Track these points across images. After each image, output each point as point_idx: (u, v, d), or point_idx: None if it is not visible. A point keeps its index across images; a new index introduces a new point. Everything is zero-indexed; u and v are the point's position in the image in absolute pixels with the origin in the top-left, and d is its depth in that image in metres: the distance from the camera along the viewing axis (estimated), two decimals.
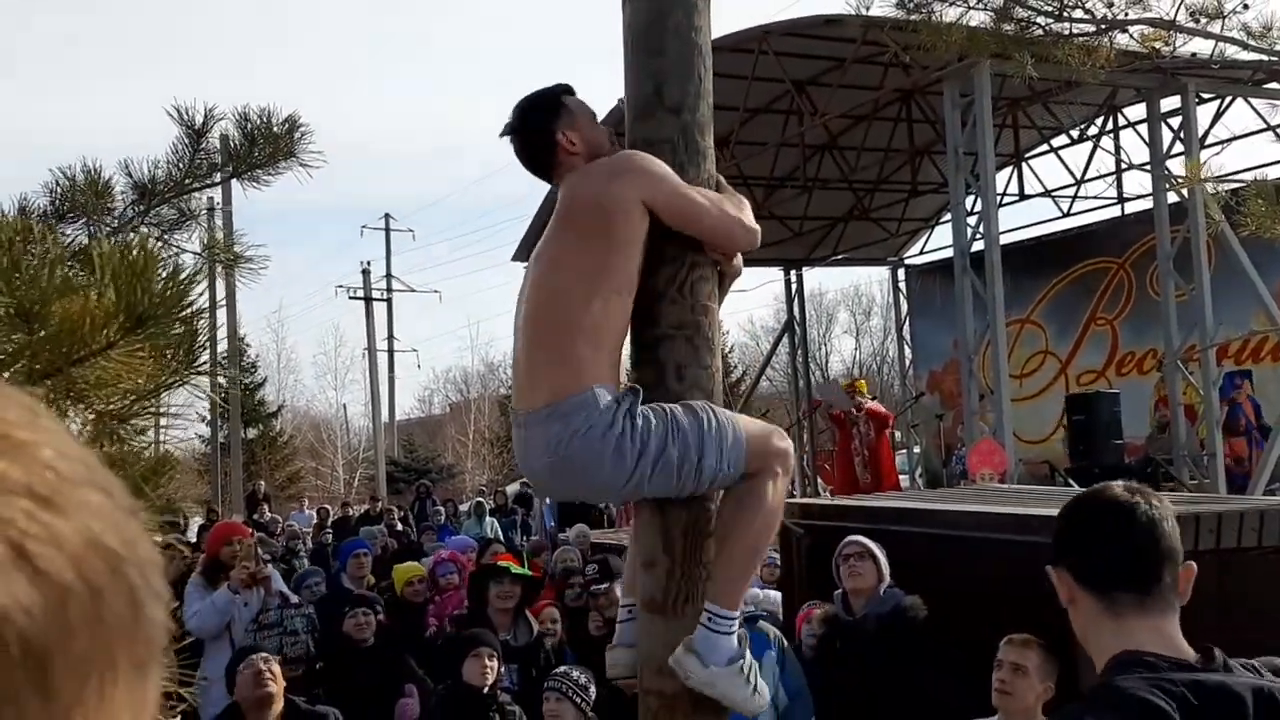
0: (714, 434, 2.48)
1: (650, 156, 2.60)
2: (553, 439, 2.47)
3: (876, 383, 34.08)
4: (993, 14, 6.32)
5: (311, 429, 41.03)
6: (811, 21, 12.72)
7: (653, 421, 2.45)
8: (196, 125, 2.72)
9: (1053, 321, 17.21)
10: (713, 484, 2.53)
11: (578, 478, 2.53)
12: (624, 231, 2.51)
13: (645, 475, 2.44)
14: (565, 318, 2.50)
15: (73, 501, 0.40)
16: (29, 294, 1.04)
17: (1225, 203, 7.28)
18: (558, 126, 2.66)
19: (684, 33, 2.70)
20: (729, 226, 2.64)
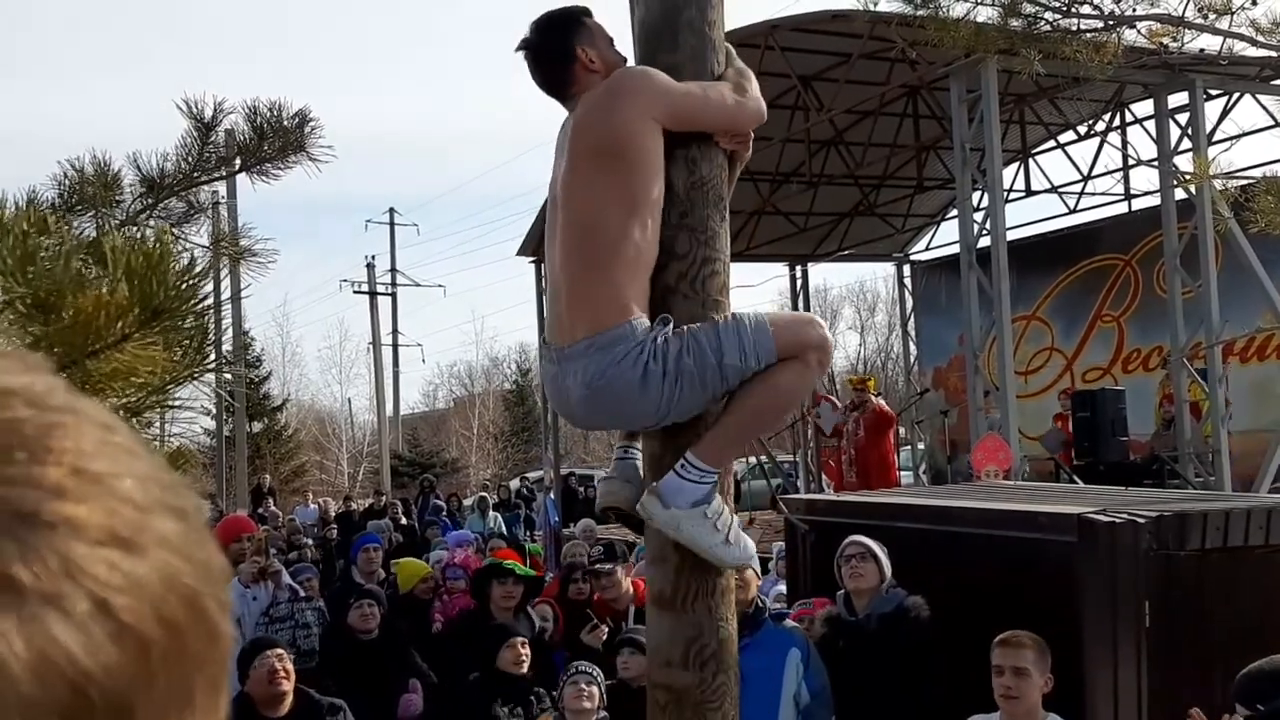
0: (731, 331, 2.49)
1: (644, 70, 2.58)
2: (592, 370, 2.49)
3: (881, 379, 34.09)
4: (1000, 10, 6.31)
5: (316, 423, 41.06)
6: (818, 16, 12.70)
7: (671, 342, 2.47)
8: (205, 118, 2.73)
9: (1059, 318, 17.19)
10: (742, 377, 2.50)
11: (613, 407, 2.55)
12: (640, 154, 2.50)
13: (672, 398, 2.46)
14: (604, 250, 2.50)
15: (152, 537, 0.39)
16: (44, 286, 1.04)
17: (1233, 199, 7.27)
18: (577, 42, 2.64)
19: (698, 27, 2.69)
20: (734, 118, 2.63)
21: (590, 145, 2.56)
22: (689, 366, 2.44)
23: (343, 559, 10.27)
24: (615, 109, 2.52)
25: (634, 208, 2.49)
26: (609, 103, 2.53)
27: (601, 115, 2.54)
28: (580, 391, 2.52)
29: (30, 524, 0.37)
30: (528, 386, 41.54)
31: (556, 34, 2.66)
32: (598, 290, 2.50)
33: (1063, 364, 17.01)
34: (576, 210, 2.57)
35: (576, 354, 2.52)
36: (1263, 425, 13.17)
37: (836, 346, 29.16)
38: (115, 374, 1.07)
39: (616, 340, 2.46)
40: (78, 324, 1.04)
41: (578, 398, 2.55)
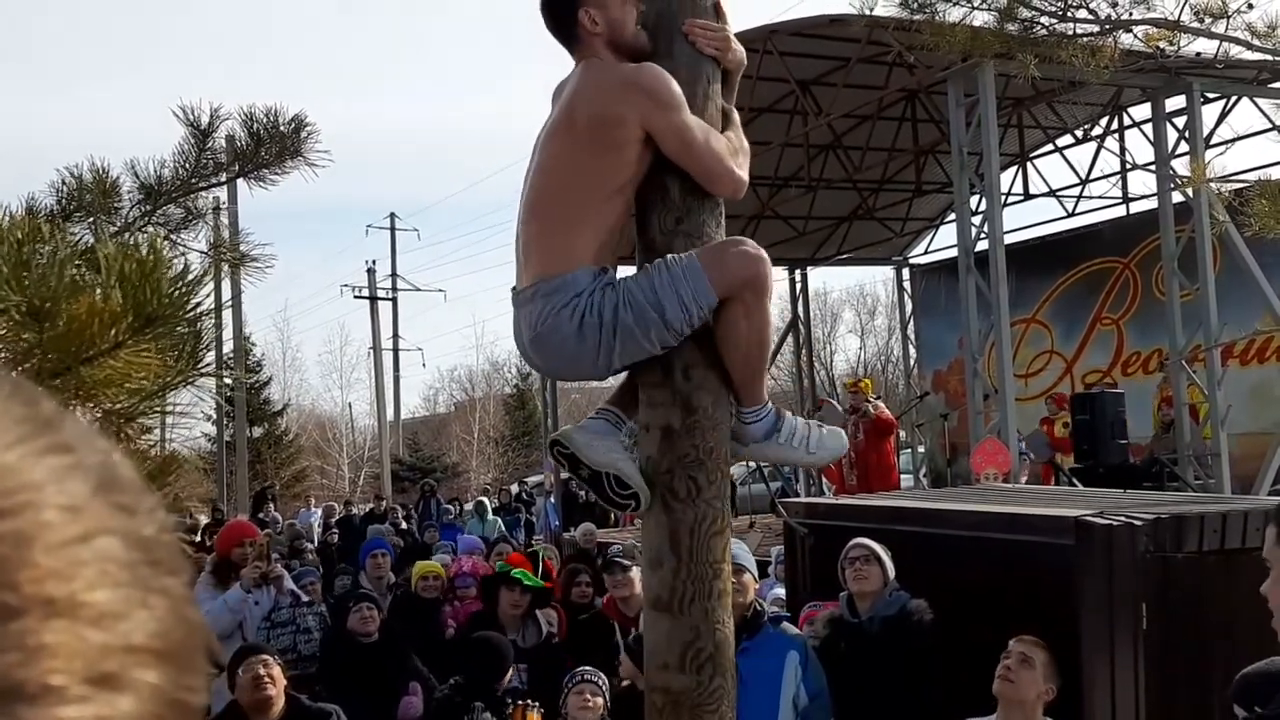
0: (666, 283, 2.49)
1: (664, 77, 2.54)
2: (535, 316, 2.55)
3: (881, 382, 34.09)
4: (996, 14, 6.33)
5: (317, 428, 41.07)
6: (816, 21, 12.72)
7: (608, 295, 2.50)
8: (202, 125, 2.74)
9: (1058, 321, 17.20)
10: (693, 326, 2.53)
11: (556, 355, 2.61)
12: (622, 140, 2.52)
13: (612, 349, 2.50)
14: (562, 208, 2.56)
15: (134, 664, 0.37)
16: (39, 293, 1.05)
17: (1229, 203, 7.28)
18: (583, 3, 2.61)
19: (688, 36, 2.70)
20: (715, 172, 2.61)
21: (581, 117, 2.56)
22: (626, 321, 2.48)
23: (344, 563, 10.27)
24: (621, 99, 2.51)
25: (606, 180, 2.54)
26: (620, 90, 2.52)
27: (606, 97, 2.53)
28: (528, 335, 2.60)
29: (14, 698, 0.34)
30: (528, 390, 41.53)
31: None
32: (549, 240, 2.56)
33: (1063, 367, 17.02)
34: (547, 171, 2.61)
35: (525, 299, 2.59)
36: (1262, 427, 13.18)
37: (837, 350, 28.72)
38: (109, 380, 1.08)
39: (558, 288, 2.51)
40: (71, 331, 1.06)
41: (527, 341, 2.62)
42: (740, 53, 2.79)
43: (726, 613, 2.63)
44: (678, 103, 2.52)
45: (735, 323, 2.57)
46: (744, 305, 2.56)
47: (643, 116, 2.50)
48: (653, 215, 2.67)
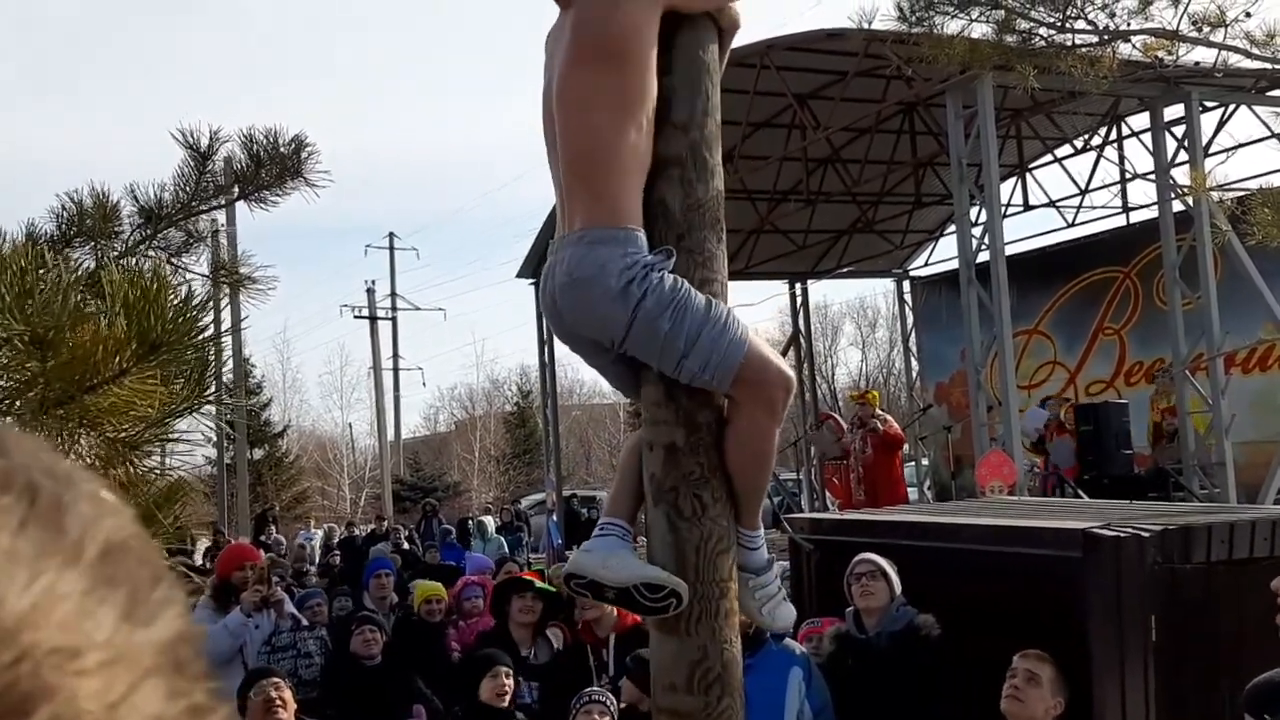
0: (712, 333, 2.44)
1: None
2: (576, 258, 2.47)
3: (884, 395, 34.06)
4: (995, 26, 6.33)
5: (318, 449, 41.05)
6: (813, 36, 12.75)
7: (666, 285, 2.43)
8: (202, 148, 2.73)
9: (1060, 331, 17.19)
10: (689, 383, 2.51)
11: (583, 305, 2.51)
12: (640, 54, 2.49)
13: (634, 327, 2.44)
14: (603, 154, 2.48)
15: None
16: (42, 321, 1.04)
17: (1230, 211, 7.28)
18: None
19: (690, 50, 2.70)
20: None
21: (589, 44, 2.52)
22: (661, 327, 2.42)
23: (346, 585, 10.24)
24: (619, 6, 2.49)
25: (631, 109, 2.47)
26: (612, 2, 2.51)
27: (604, 13, 2.51)
28: (562, 279, 2.51)
29: None
30: (528, 408, 41.51)
31: None
32: (598, 190, 2.49)
33: (1065, 377, 17.00)
34: (574, 117, 2.54)
35: (569, 241, 2.52)
36: (1266, 436, 13.15)
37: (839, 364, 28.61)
38: (113, 408, 1.07)
39: (607, 239, 2.45)
40: (75, 359, 1.04)
41: (559, 284, 2.53)
42: (735, 13, 2.77)
43: (734, 632, 2.61)
44: None
45: (742, 430, 2.54)
46: (751, 417, 2.54)
47: (652, 3, 2.48)
48: (654, 231, 2.66)
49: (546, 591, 5.98)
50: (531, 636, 5.67)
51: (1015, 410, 11.07)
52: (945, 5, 6.10)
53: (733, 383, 2.49)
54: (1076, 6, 6.17)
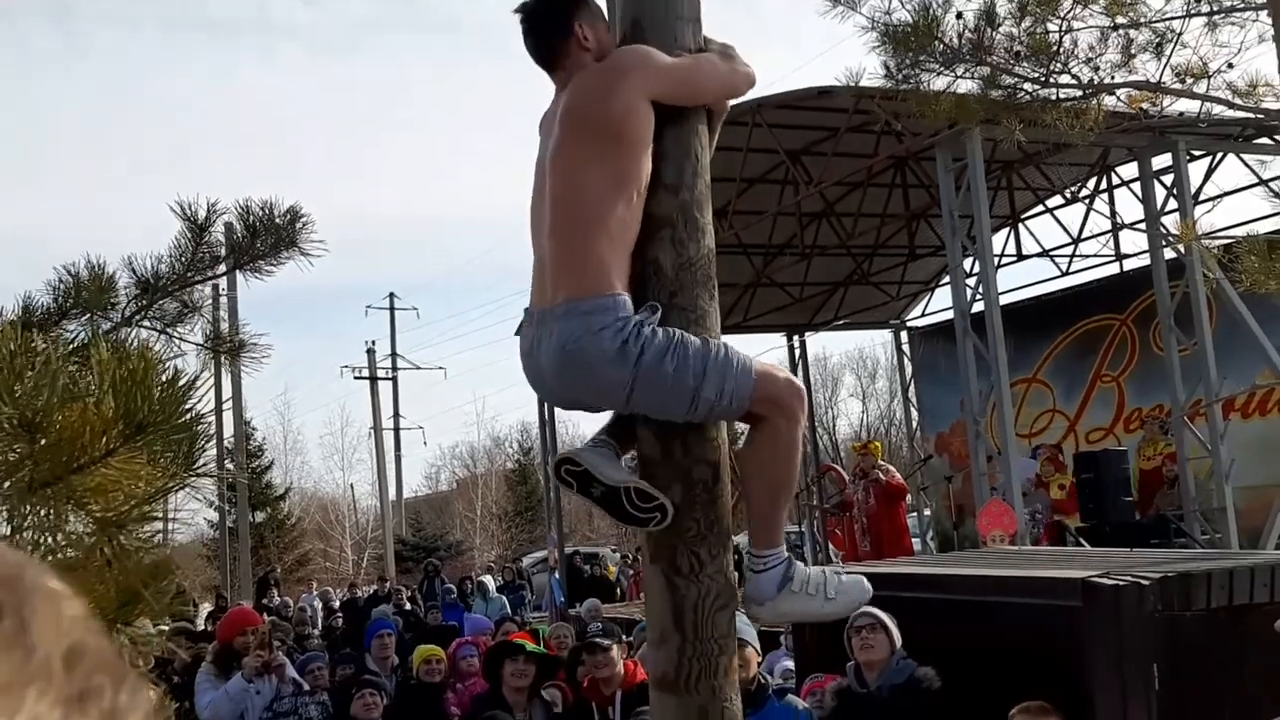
0: (718, 364, 2.47)
1: (642, 49, 2.60)
2: (568, 333, 2.47)
3: (886, 446, 34.01)
4: (980, 82, 6.43)
5: (319, 510, 40.91)
6: (804, 94, 12.91)
7: (658, 335, 2.46)
8: (199, 220, 2.77)
9: (1058, 380, 17.21)
10: (710, 416, 2.52)
11: (582, 376, 2.51)
12: (638, 135, 2.53)
13: (637, 387, 2.44)
14: (590, 221, 2.51)
15: None
16: (31, 405, 1.07)
17: (1221, 259, 7.33)
18: (578, 18, 2.66)
19: (681, 113, 2.75)
20: (731, 84, 2.70)
21: (585, 123, 2.57)
22: (666, 369, 2.43)
23: (349, 647, 10.16)
24: (615, 89, 2.53)
25: (622, 184, 2.51)
26: (608, 82, 2.55)
27: (601, 95, 2.55)
28: (554, 353, 2.51)
29: None
30: (530, 465, 41.42)
31: (557, 5, 2.68)
32: (582, 259, 2.51)
33: (1065, 425, 16.99)
34: (565, 184, 2.58)
35: (556, 315, 2.52)
36: (1267, 480, 13.12)
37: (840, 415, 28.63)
38: (100, 488, 1.09)
39: (598, 309, 2.45)
40: (63, 440, 1.07)
41: (550, 359, 2.53)
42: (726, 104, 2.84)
43: (734, 690, 2.61)
44: (665, 60, 2.58)
45: (765, 444, 2.57)
46: (774, 427, 2.57)
47: (645, 89, 2.53)
48: (647, 290, 2.69)
49: (540, 654, 5.93)
50: (526, 700, 5.62)
51: (1015, 459, 11.07)
52: (930, 63, 6.21)
53: (752, 402, 2.53)
54: (1060, 61, 6.28)
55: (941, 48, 6.13)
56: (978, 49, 6.13)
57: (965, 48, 6.13)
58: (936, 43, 6.09)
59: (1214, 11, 6.60)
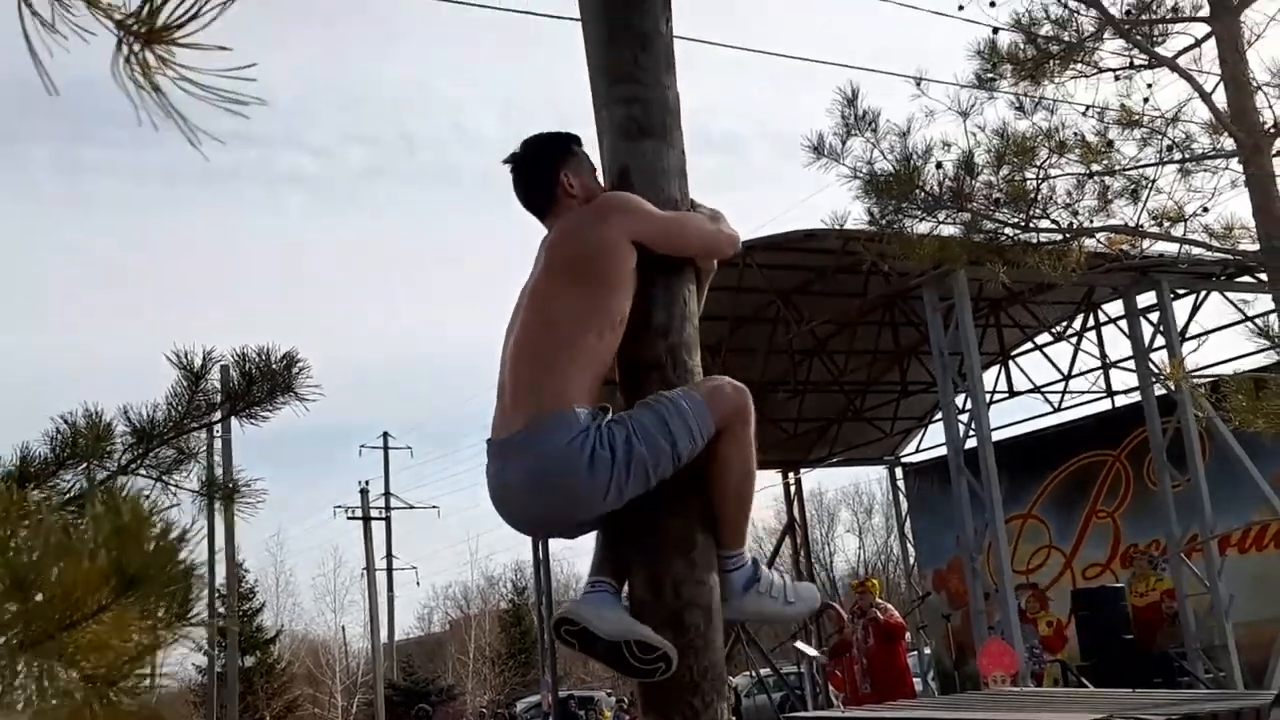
0: (677, 418, 2.53)
1: (630, 195, 2.72)
2: (532, 457, 2.51)
3: (884, 582, 33.56)
4: (962, 227, 6.60)
5: (310, 653, 40.02)
6: (792, 236, 13.18)
7: (616, 429, 2.51)
8: (195, 368, 2.82)
9: (1053, 516, 17.10)
10: (691, 457, 2.58)
11: (558, 494, 2.52)
12: (615, 272, 2.61)
13: (622, 480, 2.48)
14: (557, 347, 2.58)
15: None
16: (24, 563, 1.09)
17: (1209, 397, 7.41)
18: (562, 167, 2.78)
19: (671, 261, 2.83)
20: (713, 240, 2.81)
21: (567, 257, 2.66)
22: (641, 453, 2.48)
23: None
24: (595, 228, 2.64)
25: (594, 318, 2.58)
26: (593, 220, 2.66)
27: (584, 232, 2.66)
28: (522, 480, 2.54)
29: None
30: (524, 605, 40.72)
31: (544, 155, 2.82)
32: (541, 383, 2.56)
33: (1062, 562, 16.82)
34: (538, 312, 2.65)
35: (518, 444, 2.55)
36: (1268, 616, 12.95)
37: (837, 550, 28.38)
38: (91, 645, 1.10)
39: (557, 426, 2.49)
40: (55, 598, 1.08)
41: (519, 488, 2.56)
42: (714, 264, 2.95)
43: None
44: (652, 210, 2.70)
45: (726, 452, 2.64)
46: (733, 434, 2.64)
47: (628, 230, 2.63)
48: None
49: None
50: None
51: (1012, 597, 10.94)
52: (913, 209, 6.39)
53: (717, 425, 2.60)
54: (1039, 207, 6.47)
55: (923, 195, 6.32)
56: (958, 196, 6.32)
57: (946, 195, 6.33)
58: (918, 190, 6.29)
59: (1186, 159, 6.83)
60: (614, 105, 2.90)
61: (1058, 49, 7.16)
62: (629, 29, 2.94)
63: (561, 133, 2.89)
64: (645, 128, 2.87)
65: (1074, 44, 7.14)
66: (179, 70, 0.75)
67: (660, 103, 2.91)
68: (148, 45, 0.74)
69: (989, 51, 7.19)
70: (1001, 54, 7.17)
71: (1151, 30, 7.12)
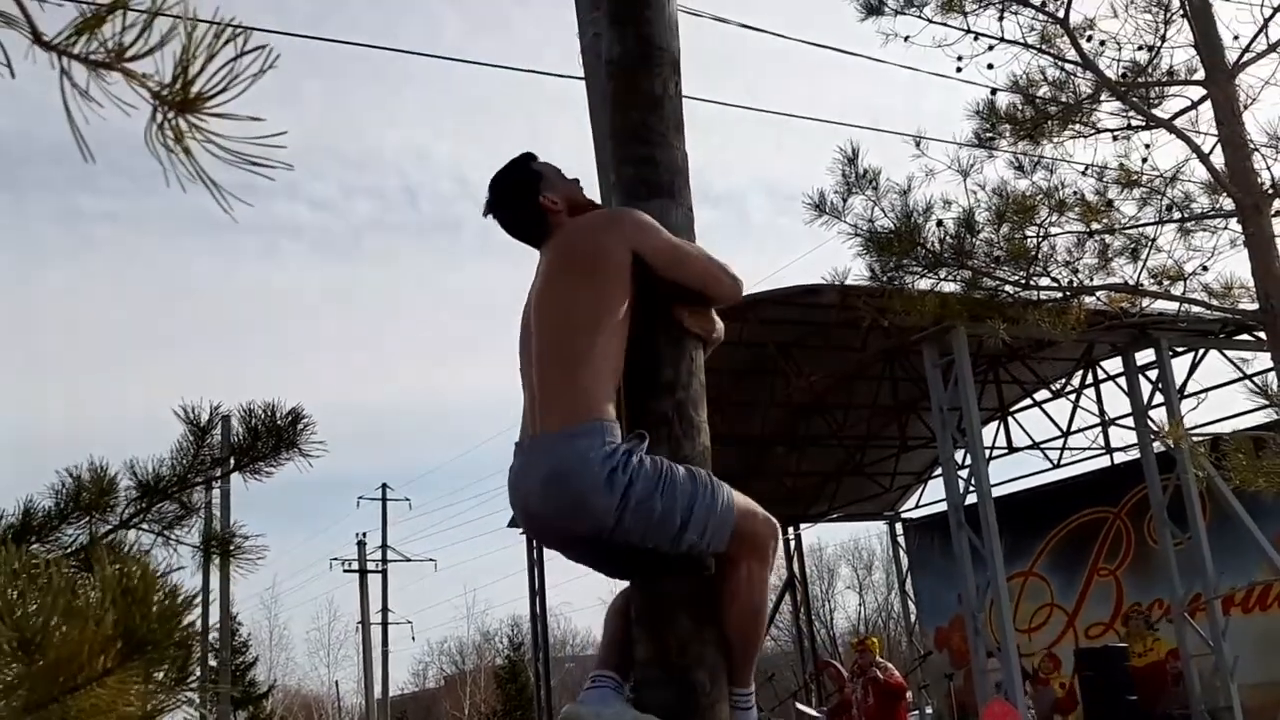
0: (704, 504, 2.52)
1: (639, 212, 2.74)
2: (556, 456, 2.51)
3: (884, 640, 33.27)
4: (963, 284, 6.64)
5: (302, 709, 39.59)
6: (792, 291, 13.24)
7: (646, 465, 2.49)
8: (201, 423, 2.83)
9: (1055, 574, 17.00)
10: (689, 554, 2.55)
11: (567, 500, 2.50)
12: (613, 275, 2.63)
13: (626, 514, 2.45)
14: (576, 353, 2.59)
15: None
16: (30, 626, 1.09)
17: (1208, 455, 7.40)
18: (537, 191, 2.82)
19: (676, 320, 2.85)
20: (715, 275, 2.79)
21: (568, 260, 2.70)
22: (655, 506, 2.46)
23: None
24: (600, 232, 2.69)
25: (603, 316, 2.61)
26: (597, 228, 2.71)
27: (587, 236, 2.70)
28: (542, 474, 2.54)
29: None
30: (520, 661, 40.33)
31: (517, 190, 2.86)
32: (570, 388, 2.57)
33: (1064, 620, 16.70)
34: (551, 319, 2.68)
35: (546, 442, 2.57)
36: (1274, 678, 12.82)
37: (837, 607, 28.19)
38: (94, 709, 1.09)
39: (585, 433, 2.50)
40: (60, 660, 1.08)
41: (538, 482, 2.55)
42: (720, 329, 2.96)
43: None
44: (660, 228, 2.72)
45: (739, 586, 2.60)
46: (748, 571, 2.61)
47: (631, 242, 2.65)
48: None
49: None
50: None
51: (1015, 656, 10.85)
52: (914, 266, 6.44)
53: (729, 543, 2.56)
54: (1039, 265, 6.51)
55: (924, 252, 6.37)
56: (959, 254, 6.37)
57: (947, 253, 6.37)
58: (919, 248, 6.34)
59: (1185, 219, 6.89)
60: (623, 165, 2.94)
61: (1056, 110, 7.25)
62: (639, 92, 2.98)
63: (518, 160, 2.92)
64: (654, 187, 2.91)
65: (1072, 105, 7.22)
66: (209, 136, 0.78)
67: (669, 163, 2.95)
68: (181, 113, 0.76)
69: (988, 112, 7.28)
70: (1000, 114, 7.25)
71: (1148, 92, 7.21)
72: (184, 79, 0.76)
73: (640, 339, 2.75)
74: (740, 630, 2.62)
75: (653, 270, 2.70)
